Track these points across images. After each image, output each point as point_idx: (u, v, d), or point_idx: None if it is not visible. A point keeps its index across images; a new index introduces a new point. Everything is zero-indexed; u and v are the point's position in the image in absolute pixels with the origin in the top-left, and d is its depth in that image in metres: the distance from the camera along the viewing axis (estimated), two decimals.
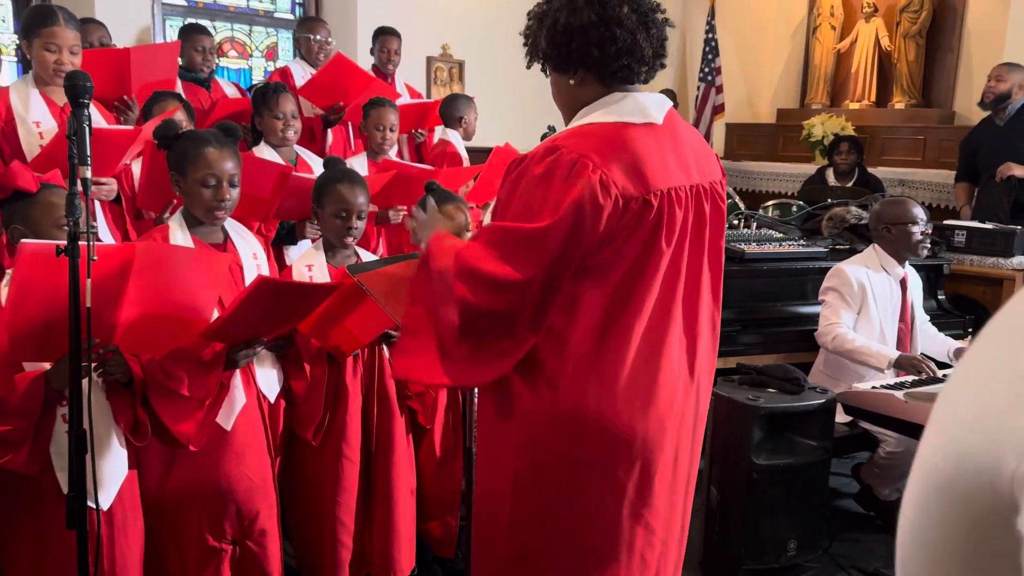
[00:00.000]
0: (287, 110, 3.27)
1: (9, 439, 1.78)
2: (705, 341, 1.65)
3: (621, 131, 1.48)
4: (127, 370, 1.90)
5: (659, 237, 1.50)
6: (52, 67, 2.73)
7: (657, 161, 1.49)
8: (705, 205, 1.59)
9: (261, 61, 5.93)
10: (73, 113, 1.61)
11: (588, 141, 1.47)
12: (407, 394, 2.53)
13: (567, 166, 1.43)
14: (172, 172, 2.20)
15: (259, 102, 3.30)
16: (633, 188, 1.45)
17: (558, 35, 1.53)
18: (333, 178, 2.52)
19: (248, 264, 2.25)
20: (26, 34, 2.75)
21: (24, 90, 2.80)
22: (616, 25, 1.49)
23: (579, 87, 1.56)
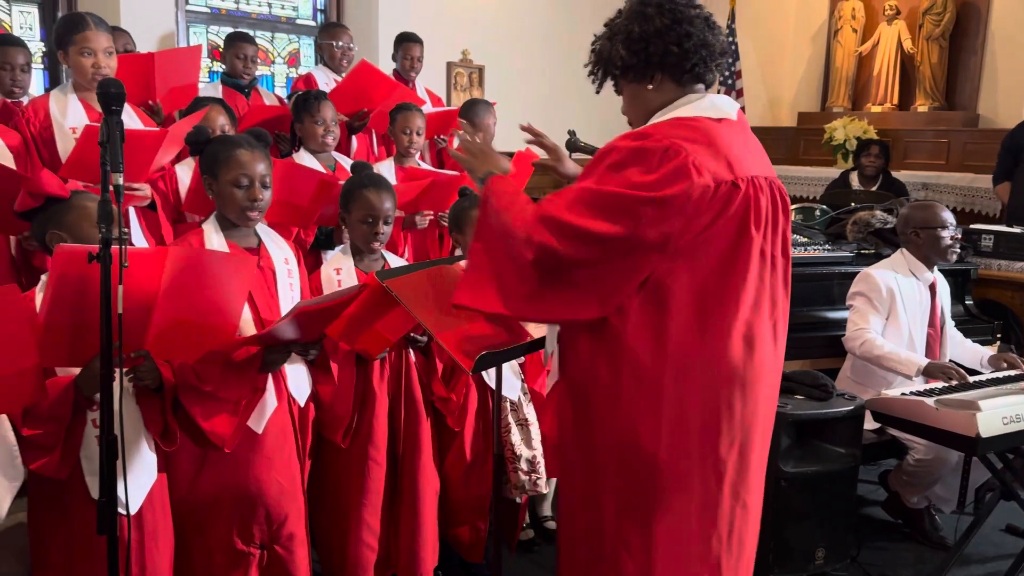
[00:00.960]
0: (327, 116, 3.31)
1: (40, 443, 1.78)
2: (782, 329, 1.72)
3: (702, 123, 1.59)
4: (158, 375, 1.90)
5: (748, 223, 1.57)
6: (90, 71, 2.77)
7: (737, 151, 1.58)
8: (777, 197, 1.68)
9: (283, 67, 5.96)
10: (105, 120, 1.61)
11: (676, 130, 1.56)
12: (436, 396, 2.53)
13: (660, 151, 1.51)
14: (204, 176, 2.22)
15: (300, 108, 3.32)
16: (721, 171, 1.53)
17: (635, 43, 1.64)
18: (360, 183, 2.52)
19: (280, 269, 2.27)
20: (60, 44, 2.78)
21: (63, 98, 2.83)
22: (687, 23, 1.62)
23: (657, 91, 1.68)
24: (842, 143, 6.54)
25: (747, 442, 1.65)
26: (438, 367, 2.53)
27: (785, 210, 1.70)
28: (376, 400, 2.40)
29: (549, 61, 6.67)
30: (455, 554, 2.71)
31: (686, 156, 1.50)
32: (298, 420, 2.29)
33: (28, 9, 4.84)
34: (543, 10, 6.69)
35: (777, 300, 1.68)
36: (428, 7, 6.04)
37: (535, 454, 2.62)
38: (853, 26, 7.14)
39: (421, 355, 2.54)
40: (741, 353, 1.59)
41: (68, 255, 1.65)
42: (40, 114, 2.81)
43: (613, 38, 1.69)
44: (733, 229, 1.56)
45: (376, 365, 2.41)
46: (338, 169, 3.37)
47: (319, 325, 2.09)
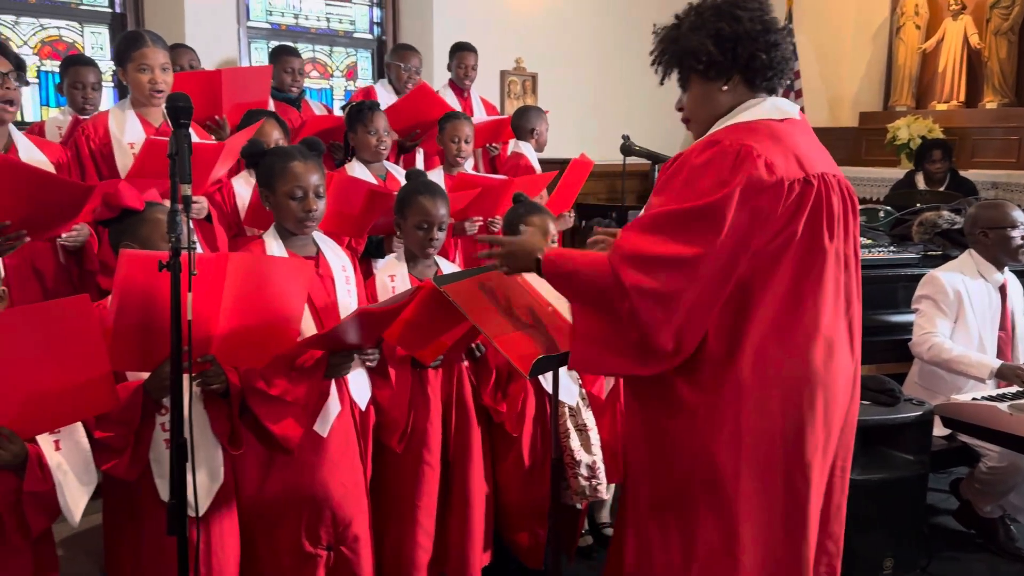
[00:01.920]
0: (380, 126, 3.36)
1: (111, 446, 1.85)
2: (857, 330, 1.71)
3: (770, 125, 1.60)
4: (224, 379, 1.96)
5: (821, 223, 1.57)
6: (147, 87, 2.85)
7: (805, 149, 1.59)
8: (846, 195, 1.67)
9: (341, 81, 6.07)
10: (174, 133, 1.66)
11: (745, 134, 1.57)
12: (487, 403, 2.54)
13: (732, 155, 1.52)
14: (262, 188, 2.28)
15: (354, 118, 3.38)
16: (793, 171, 1.54)
17: (725, 41, 1.62)
18: (415, 190, 2.56)
19: (338, 276, 2.31)
20: (119, 61, 2.88)
21: (121, 114, 2.93)
22: (776, 34, 1.64)
23: (729, 93, 1.67)
24: (906, 142, 6.37)
25: (829, 444, 1.66)
26: (491, 375, 2.54)
27: (854, 209, 1.69)
28: (430, 405, 2.43)
29: (601, 67, 6.66)
30: (514, 559, 2.71)
31: (758, 155, 1.52)
32: (360, 424, 2.33)
33: (99, 30, 5.03)
34: (595, 17, 6.68)
35: (852, 301, 1.68)
36: (482, 17, 6.09)
37: (595, 459, 2.61)
38: (916, 22, 6.96)
39: (474, 363, 2.56)
40: (822, 356, 1.59)
41: (133, 260, 1.71)
42: (99, 130, 2.90)
43: (697, 31, 1.65)
44: (809, 230, 1.57)
45: (430, 371, 2.44)
46: (388, 179, 3.42)
47: (378, 328, 2.13)
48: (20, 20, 4.77)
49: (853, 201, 1.69)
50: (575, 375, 2.65)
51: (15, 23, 4.75)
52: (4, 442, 1.63)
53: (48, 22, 4.86)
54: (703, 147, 1.57)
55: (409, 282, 2.47)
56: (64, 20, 4.91)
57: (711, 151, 1.55)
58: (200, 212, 2.83)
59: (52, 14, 4.87)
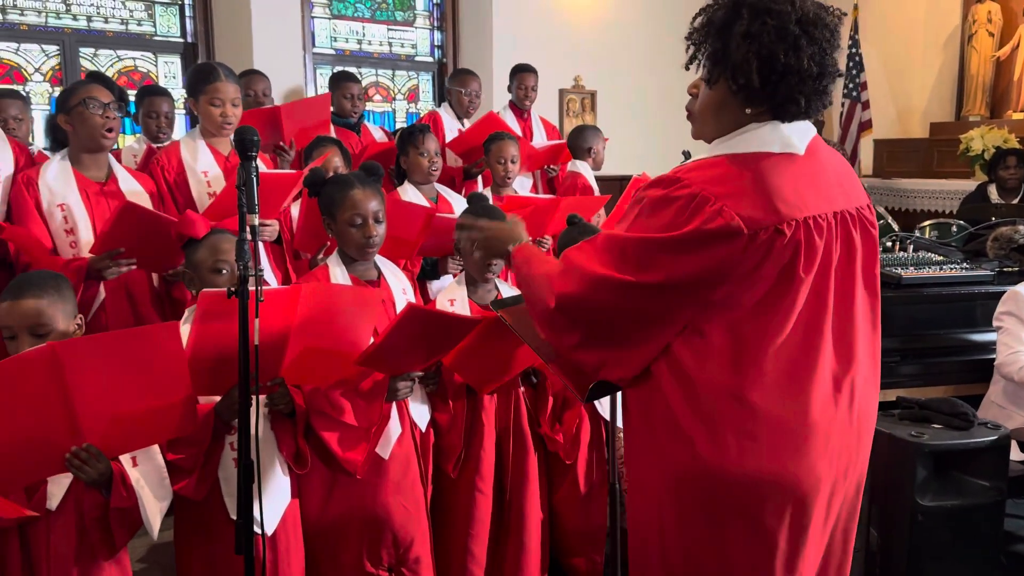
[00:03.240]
0: (431, 148, 3.42)
1: (182, 467, 1.93)
2: (864, 374, 1.56)
3: (756, 161, 1.44)
4: (290, 401, 2.02)
5: (796, 266, 1.43)
6: (218, 120, 2.97)
7: (791, 190, 1.43)
8: (854, 232, 1.52)
9: (403, 104, 6.20)
10: (242, 165, 1.73)
11: (712, 173, 1.43)
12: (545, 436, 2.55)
13: (686, 199, 1.41)
14: (324, 217, 2.34)
15: (406, 141, 3.46)
16: (762, 217, 1.40)
17: (773, 71, 1.41)
18: (476, 214, 2.58)
19: (399, 299, 2.37)
20: (192, 92, 3.00)
21: (192, 144, 3.04)
22: (828, 77, 1.45)
23: (749, 116, 1.48)
24: (980, 153, 6.18)
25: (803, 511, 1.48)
26: (548, 402, 2.55)
27: (869, 244, 1.55)
28: (484, 432, 2.45)
29: (661, 82, 6.63)
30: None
31: (715, 203, 1.38)
32: (420, 445, 2.37)
33: (172, 59, 5.25)
34: (653, 32, 6.67)
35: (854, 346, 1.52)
36: (540, 35, 6.14)
37: None
38: (989, 30, 6.75)
39: (531, 389, 2.58)
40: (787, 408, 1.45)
41: (211, 299, 1.79)
42: (173, 161, 3.01)
43: (750, 42, 1.41)
44: (774, 275, 1.43)
45: (486, 398, 2.46)
46: (440, 201, 3.48)
47: (435, 345, 2.16)
48: (99, 52, 5.02)
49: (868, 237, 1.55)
50: None
51: (94, 55, 5.00)
52: (92, 460, 1.71)
53: (124, 53, 5.10)
54: (665, 182, 1.45)
55: (469, 307, 2.51)
56: (139, 51, 5.14)
57: (669, 189, 1.43)
58: (272, 234, 2.93)
59: (128, 45, 5.10)
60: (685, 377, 1.47)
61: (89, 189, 2.71)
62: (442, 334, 2.15)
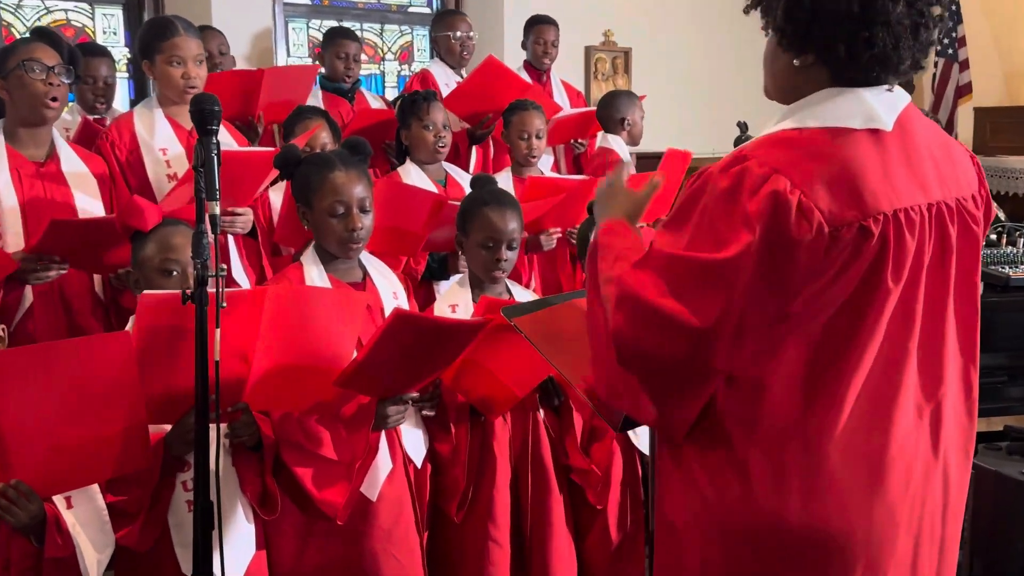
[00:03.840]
0: (438, 120, 3.44)
1: (124, 511, 1.94)
2: (954, 403, 1.57)
3: (834, 139, 1.44)
4: (256, 431, 2.04)
5: (883, 272, 1.43)
6: (180, 84, 2.97)
7: (880, 176, 1.43)
8: (950, 228, 1.51)
9: (394, 64, 6.22)
10: (200, 141, 1.74)
11: (786, 152, 1.42)
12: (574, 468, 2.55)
13: (755, 181, 1.39)
14: (298, 205, 2.36)
15: (407, 112, 3.48)
16: (845, 212, 1.39)
17: (799, 11, 1.44)
18: (480, 201, 2.62)
19: (388, 304, 2.38)
20: (145, 53, 3.00)
21: (148, 115, 3.05)
22: (881, 25, 1.42)
23: (800, 73, 1.50)
24: None
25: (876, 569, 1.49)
26: (576, 428, 2.56)
27: (969, 244, 1.54)
28: (497, 467, 2.46)
29: (709, 39, 6.60)
30: None
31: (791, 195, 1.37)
32: (415, 484, 2.38)
33: (112, 11, 5.28)
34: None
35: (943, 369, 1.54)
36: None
37: None
38: None
39: (553, 414, 2.58)
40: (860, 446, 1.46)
41: (153, 305, 1.79)
42: (125, 136, 3.02)
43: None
44: (856, 282, 1.43)
45: (498, 424, 2.47)
46: (449, 183, 3.50)
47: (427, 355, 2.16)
48: (23, 2, 5.04)
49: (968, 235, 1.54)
50: None
51: (17, 6, 5.02)
52: (22, 501, 1.72)
53: (54, 4, 5.12)
54: (729, 163, 1.45)
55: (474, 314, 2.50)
56: (72, 1, 5.16)
57: (735, 171, 1.42)
58: (246, 226, 2.92)
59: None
60: (745, 406, 1.48)
61: (23, 170, 2.70)
62: (439, 345, 2.16)
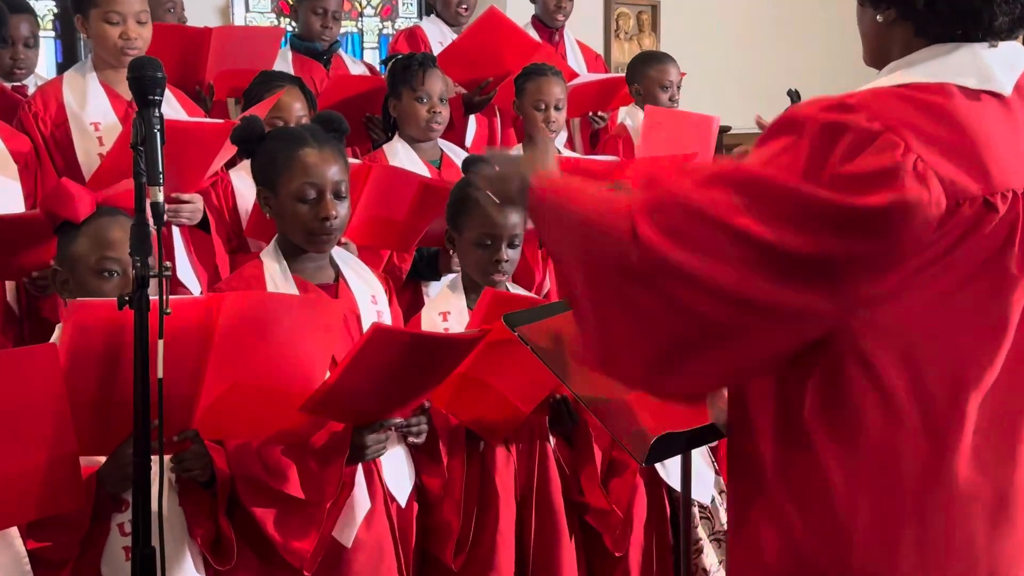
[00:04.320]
0: (435, 91, 3.43)
1: (49, 559, 1.91)
2: None
3: (950, 98, 1.43)
4: (208, 464, 2.02)
5: (1007, 259, 1.42)
6: (118, 44, 2.95)
7: (1009, 147, 1.43)
8: None
9: (375, 22, 6.21)
10: (139, 113, 1.71)
11: (898, 108, 1.42)
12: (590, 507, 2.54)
13: (865, 137, 1.38)
14: (260, 188, 2.35)
15: (397, 79, 3.46)
16: (968, 183, 1.39)
17: None
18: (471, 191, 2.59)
19: (366, 311, 2.37)
20: (79, 7, 2.99)
21: (80, 81, 3.03)
22: None
23: (885, 31, 1.54)
24: None
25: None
26: (596, 459, 2.54)
27: None
28: (500, 505, 2.44)
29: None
30: None
31: (906, 153, 1.36)
32: (399, 526, 2.36)
33: None
34: None
35: None
36: None
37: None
38: None
39: (564, 442, 2.57)
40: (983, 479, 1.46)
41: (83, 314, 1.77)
42: (52, 106, 3.00)
43: None
44: (974, 268, 1.41)
45: (499, 454, 2.46)
46: (445, 164, 3.49)
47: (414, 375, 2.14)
48: None
49: None
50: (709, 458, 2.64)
51: None
52: None
53: None
54: (831, 106, 1.43)
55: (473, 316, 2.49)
56: None
57: (839, 116, 1.41)
58: (194, 216, 2.90)
59: None
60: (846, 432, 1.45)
61: None
62: (428, 363, 2.14)
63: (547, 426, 2.52)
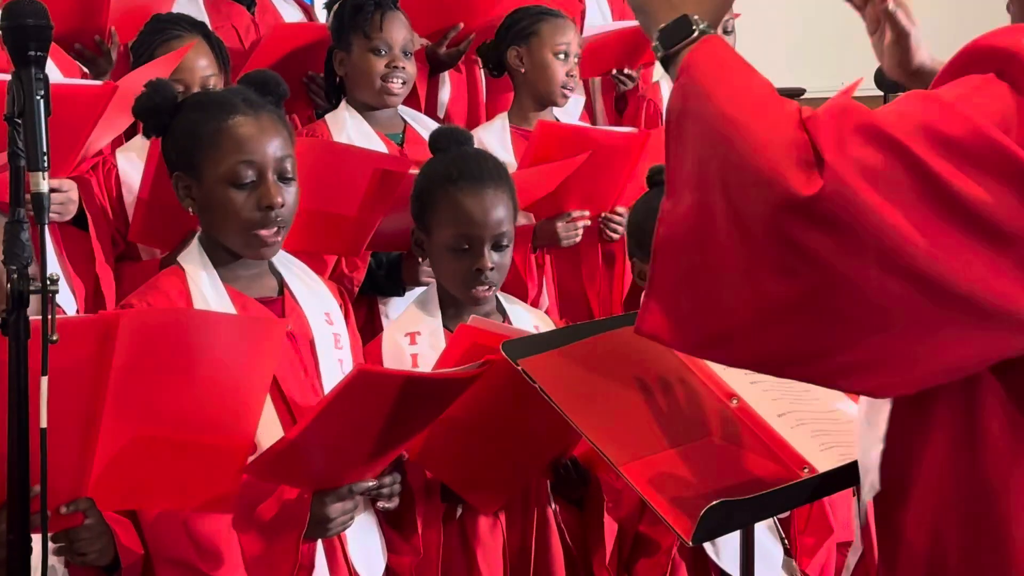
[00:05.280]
0: (396, 39, 3.47)
1: None
2: None
3: None
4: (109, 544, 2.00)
5: None
6: None
7: None
8: None
9: None
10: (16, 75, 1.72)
11: None
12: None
13: None
14: (176, 174, 2.35)
15: (346, 26, 3.50)
16: None
17: None
18: (447, 176, 2.63)
19: (319, 332, 2.37)
20: None
21: None
22: None
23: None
24: None
25: None
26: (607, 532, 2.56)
27: None
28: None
29: None
30: None
31: None
32: None
33: None
34: None
35: None
36: None
37: None
38: None
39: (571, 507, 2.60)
40: None
41: None
42: None
43: None
44: None
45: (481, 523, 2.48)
46: (409, 139, 3.51)
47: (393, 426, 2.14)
48: None
49: None
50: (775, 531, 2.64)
51: None
52: None
53: None
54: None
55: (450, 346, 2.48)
56: None
57: None
58: (65, 209, 2.92)
59: None
60: None
61: None
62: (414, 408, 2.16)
63: (549, 490, 2.55)
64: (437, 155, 2.78)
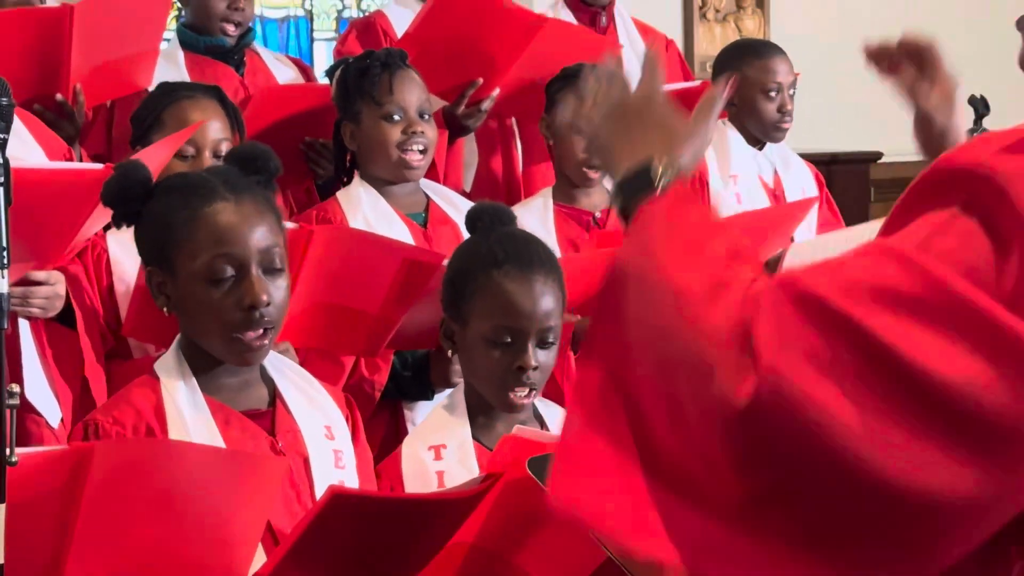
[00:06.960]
0: (410, 101, 3.46)
1: None
2: None
3: None
4: None
5: None
6: None
7: None
8: None
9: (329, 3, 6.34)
10: None
11: None
12: None
13: None
14: (149, 268, 2.37)
15: (352, 93, 3.51)
16: None
17: None
18: (490, 259, 2.63)
19: (315, 448, 2.36)
20: None
21: None
22: None
23: None
24: None
25: None
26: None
27: None
28: None
29: None
30: None
31: None
32: None
33: None
34: None
35: None
36: None
37: None
38: None
39: None
40: None
41: None
42: None
43: None
44: None
45: None
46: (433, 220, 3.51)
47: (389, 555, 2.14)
48: None
49: None
50: None
51: None
52: None
53: None
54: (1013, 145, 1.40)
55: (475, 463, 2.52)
56: None
57: None
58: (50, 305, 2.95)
59: None
60: None
61: None
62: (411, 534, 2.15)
63: None
64: (476, 235, 2.79)
